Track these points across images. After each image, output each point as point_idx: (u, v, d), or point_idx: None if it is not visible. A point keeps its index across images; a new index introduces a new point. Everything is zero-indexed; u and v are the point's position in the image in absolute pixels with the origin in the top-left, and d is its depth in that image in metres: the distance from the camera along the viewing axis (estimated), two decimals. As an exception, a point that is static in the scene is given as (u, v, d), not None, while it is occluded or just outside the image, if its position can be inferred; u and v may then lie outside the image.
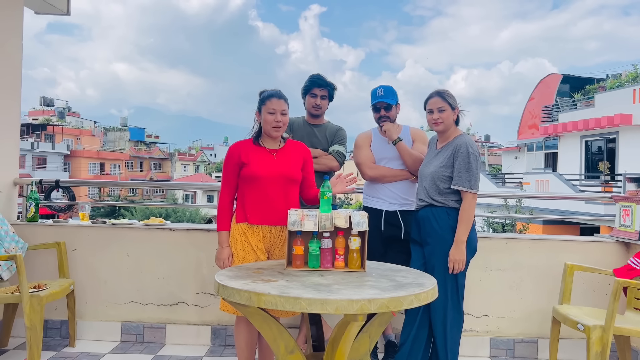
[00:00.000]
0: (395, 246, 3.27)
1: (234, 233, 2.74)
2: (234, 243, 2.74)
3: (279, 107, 2.70)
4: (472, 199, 2.82)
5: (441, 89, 3.01)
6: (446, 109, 2.93)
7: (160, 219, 3.81)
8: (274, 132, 2.72)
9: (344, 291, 1.99)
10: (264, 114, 2.72)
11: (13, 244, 3.43)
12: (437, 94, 2.97)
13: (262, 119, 2.73)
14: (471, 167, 2.81)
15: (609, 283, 3.40)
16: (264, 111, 2.72)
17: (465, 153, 2.82)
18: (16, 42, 3.97)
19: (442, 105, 2.93)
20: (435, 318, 2.89)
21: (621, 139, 18.74)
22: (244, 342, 2.68)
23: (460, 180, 2.82)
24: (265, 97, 2.74)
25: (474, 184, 2.80)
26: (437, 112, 2.94)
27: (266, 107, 2.71)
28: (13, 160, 3.98)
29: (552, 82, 25.82)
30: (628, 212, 3.48)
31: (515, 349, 3.52)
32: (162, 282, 3.64)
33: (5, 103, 3.86)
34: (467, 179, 2.80)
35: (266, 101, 2.72)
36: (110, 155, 50.27)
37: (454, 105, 2.96)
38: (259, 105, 2.76)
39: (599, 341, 2.69)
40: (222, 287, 2.05)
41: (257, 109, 2.78)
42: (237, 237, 2.73)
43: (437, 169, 2.92)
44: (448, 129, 2.99)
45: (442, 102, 2.93)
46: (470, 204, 2.82)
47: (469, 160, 2.81)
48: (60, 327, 3.65)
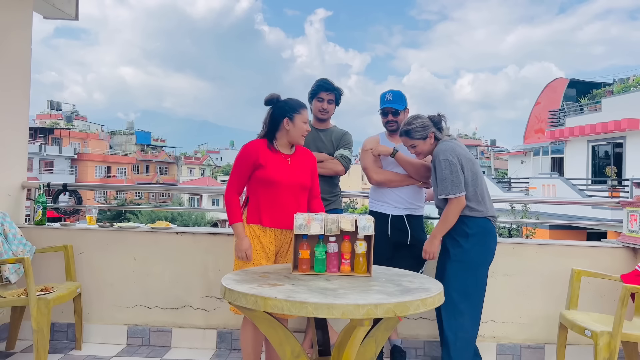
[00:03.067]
0: (402, 251, 3.27)
1: (247, 233, 2.75)
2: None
3: (308, 117, 2.85)
4: (456, 203, 2.88)
5: (406, 123, 3.04)
6: (417, 145, 3.02)
7: (167, 223, 3.83)
8: (302, 140, 2.82)
9: (350, 296, 1.99)
10: (297, 122, 2.77)
11: (21, 247, 3.45)
12: (403, 134, 3.04)
13: (293, 126, 2.77)
14: (444, 173, 2.88)
15: (617, 289, 3.38)
16: (299, 120, 2.78)
17: (437, 162, 2.92)
18: (25, 47, 4.01)
19: (411, 143, 3.03)
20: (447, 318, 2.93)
21: (628, 143, 18.64)
22: (251, 344, 2.69)
23: (440, 188, 2.92)
24: (298, 106, 2.81)
25: (452, 187, 2.86)
26: (411, 149, 3.07)
27: (302, 116, 2.79)
28: (21, 164, 4.01)
29: (558, 86, 25.74)
30: (636, 217, 3.46)
31: (522, 355, 3.51)
32: (168, 285, 3.65)
33: (15, 107, 3.89)
34: (444, 186, 2.88)
35: (301, 110, 2.80)
36: (117, 159, 50.50)
37: (424, 135, 3.00)
38: (290, 113, 2.78)
39: (607, 347, 2.67)
40: (229, 291, 2.05)
41: (286, 116, 2.77)
42: (250, 239, 2.73)
43: (434, 182, 3.03)
44: (429, 153, 3.07)
45: (409, 141, 3.03)
46: (452, 207, 2.89)
47: (441, 168, 2.89)
48: (67, 330, 3.67)
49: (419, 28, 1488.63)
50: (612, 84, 25.30)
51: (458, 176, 2.86)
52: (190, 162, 61.71)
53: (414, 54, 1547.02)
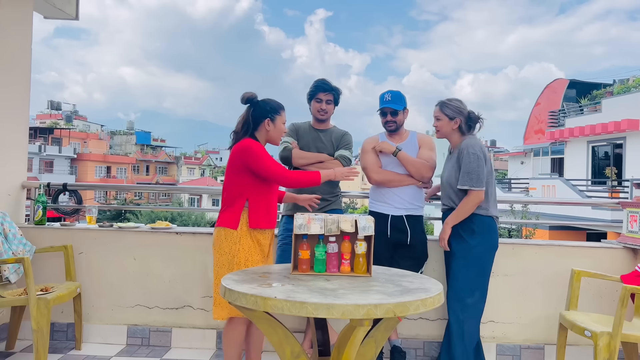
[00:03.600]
0: (401, 251, 3.28)
1: (246, 238, 2.73)
2: (248, 248, 2.73)
3: (286, 119, 2.88)
4: (475, 195, 3.00)
5: (447, 99, 3.19)
6: (442, 119, 3.15)
7: (167, 223, 3.83)
8: (279, 141, 2.90)
9: (350, 296, 1.99)
10: (278, 123, 2.82)
11: (21, 246, 3.45)
12: (438, 104, 3.19)
13: (274, 127, 2.81)
14: (471, 166, 2.98)
15: (617, 289, 3.38)
16: (279, 121, 2.82)
17: (466, 154, 3.01)
18: (26, 47, 4.00)
19: (438, 114, 3.16)
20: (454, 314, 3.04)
21: (628, 144, 18.64)
22: (235, 345, 2.72)
23: (463, 179, 3.02)
24: (279, 107, 2.83)
25: (476, 181, 2.97)
26: (435, 120, 3.19)
27: (282, 118, 2.83)
28: (21, 164, 4.01)
29: (558, 87, 25.75)
30: (635, 218, 3.46)
31: (521, 355, 3.50)
32: (168, 285, 3.65)
33: (15, 107, 3.89)
34: (469, 177, 2.99)
35: (281, 112, 2.83)
36: (117, 159, 50.50)
37: (453, 116, 3.12)
38: (271, 114, 2.80)
39: (607, 348, 2.67)
40: (229, 291, 2.05)
41: (267, 117, 2.79)
42: (250, 242, 2.74)
43: (450, 173, 3.13)
44: (446, 136, 3.20)
45: (439, 112, 3.16)
46: (472, 198, 3.01)
47: (470, 160, 2.99)
48: (67, 330, 3.66)
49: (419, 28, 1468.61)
50: (612, 84, 25.31)
51: (483, 171, 2.98)
52: (190, 162, 61.70)
53: (414, 54, 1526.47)
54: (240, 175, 2.72)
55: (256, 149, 2.69)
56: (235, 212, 2.71)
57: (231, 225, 2.70)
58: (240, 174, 2.72)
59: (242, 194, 2.72)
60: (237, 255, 2.69)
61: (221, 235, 2.73)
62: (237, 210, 2.71)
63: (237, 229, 2.70)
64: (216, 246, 2.75)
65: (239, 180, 2.73)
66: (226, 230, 2.71)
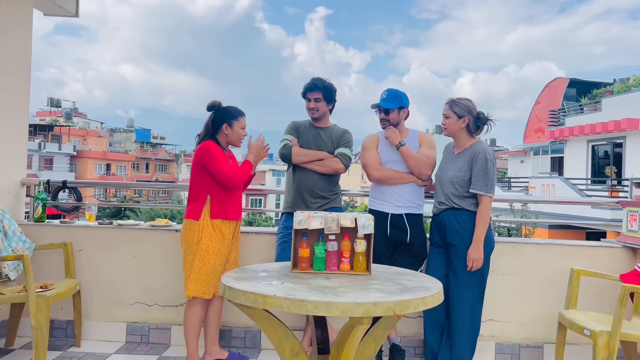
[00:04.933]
0: (401, 249, 3.28)
1: (208, 227, 3.03)
2: (209, 237, 3.02)
3: (245, 124, 3.19)
4: (488, 201, 3.03)
5: (457, 98, 3.18)
6: (450, 117, 3.14)
7: (166, 220, 3.82)
8: (239, 143, 3.20)
9: (349, 294, 1.99)
10: (235, 127, 3.14)
11: (20, 243, 3.45)
12: (448, 102, 3.18)
13: (232, 131, 3.13)
14: (488, 172, 3.01)
15: (616, 289, 3.38)
16: (237, 126, 3.14)
17: (484, 159, 3.02)
18: (26, 44, 4.00)
19: (447, 112, 3.16)
20: (462, 315, 3.07)
21: (628, 143, 18.64)
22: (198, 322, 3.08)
23: (478, 184, 3.02)
24: (237, 114, 3.15)
25: (490, 188, 3.01)
26: (444, 118, 3.18)
27: (239, 123, 3.15)
28: (21, 161, 4.00)
29: (558, 86, 25.73)
30: (635, 217, 3.46)
31: (520, 354, 3.51)
32: (168, 283, 3.65)
33: (15, 104, 3.89)
34: (484, 184, 3.01)
35: (239, 117, 3.15)
36: (117, 157, 50.49)
37: (462, 114, 3.11)
38: (228, 119, 3.12)
39: (606, 347, 2.68)
40: (228, 288, 2.05)
41: (225, 122, 3.11)
42: (212, 232, 3.03)
43: (457, 173, 3.10)
44: (453, 135, 3.19)
45: (448, 110, 3.16)
46: (487, 206, 3.03)
47: (487, 166, 3.02)
48: (66, 327, 3.67)
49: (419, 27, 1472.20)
50: (612, 83, 25.29)
51: (495, 178, 3.04)
52: (190, 160, 61.58)
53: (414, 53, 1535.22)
54: (201, 174, 3.06)
55: (212, 150, 3.03)
56: (199, 205, 3.05)
57: (194, 217, 3.04)
58: (201, 172, 3.06)
59: (204, 190, 3.06)
60: (200, 242, 3.01)
61: (186, 225, 3.07)
62: (200, 205, 3.05)
63: (199, 220, 3.02)
64: (183, 236, 3.10)
65: (200, 178, 3.07)
66: (190, 222, 3.05)
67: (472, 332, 3.11)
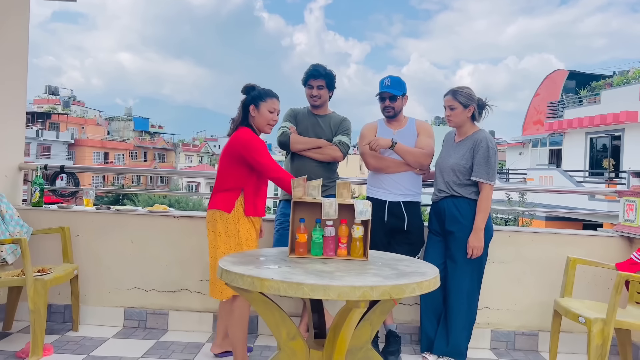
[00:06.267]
0: (398, 237, 3.29)
1: (244, 219, 2.81)
2: (247, 229, 2.82)
3: (278, 107, 2.89)
4: (489, 189, 3.05)
5: (457, 87, 3.16)
6: (456, 108, 3.11)
7: (164, 206, 3.82)
8: (267, 129, 2.87)
9: (346, 278, 2.00)
10: (262, 109, 2.83)
11: (18, 228, 3.45)
12: (450, 93, 3.15)
13: (258, 113, 2.84)
14: (490, 160, 3.02)
15: (611, 277, 3.40)
16: (264, 107, 2.83)
17: (485, 147, 3.03)
18: (23, 30, 3.96)
19: (452, 103, 3.13)
20: (459, 302, 3.11)
21: (626, 136, 18.66)
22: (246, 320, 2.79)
23: (479, 172, 3.03)
24: (265, 94, 2.85)
25: (491, 176, 3.02)
26: (449, 109, 3.15)
27: (267, 104, 2.84)
28: (18, 146, 3.99)
29: (558, 78, 25.68)
30: (632, 207, 3.47)
31: (515, 342, 3.53)
32: (166, 268, 3.66)
33: (12, 89, 3.87)
34: (486, 172, 3.02)
35: (267, 99, 2.85)
36: (115, 145, 50.38)
37: (467, 103, 3.11)
38: (256, 100, 2.84)
39: (600, 334, 2.70)
40: (226, 272, 2.06)
41: (252, 103, 2.84)
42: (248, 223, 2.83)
43: (458, 161, 3.11)
44: (459, 125, 3.17)
45: (452, 101, 3.12)
46: (488, 194, 3.05)
47: (489, 154, 3.03)
48: (64, 312, 3.68)
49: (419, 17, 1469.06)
50: (611, 76, 25.25)
51: (496, 166, 3.04)
52: (188, 150, 61.55)
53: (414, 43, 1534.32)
54: (237, 166, 2.78)
55: (255, 144, 2.75)
56: (230, 197, 2.79)
57: (226, 209, 2.78)
58: (237, 164, 2.78)
59: (238, 183, 2.80)
60: (237, 236, 2.77)
61: (216, 216, 2.80)
62: (232, 197, 2.79)
63: (232, 213, 2.78)
64: (211, 227, 2.82)
65: (234, 170, 2.79)
66: (221, 213, 2.79)
67: (468, 320, 3.15)
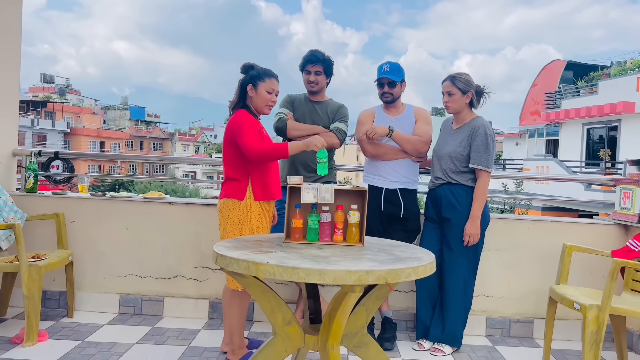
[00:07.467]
0: (395, 224, 3.29)
1: (256, 206, 2.74)
2: (259, 216, 2.75)
3: (277, 88, 2.79)
4: (487, 177, 3.04)
5: (456, 73, 3.15)
6: (455, 93, 3.10)
7: (160, 193, 3.80)
8: (266, 110, 2.79)
9: (342, 262, 1.98)
10: (260, 90, 2.74)
11: (12, 214, 3.42)
12: (449, 78, 3.13)
13: (256, 93, 2.75)
14: (488, 147, 3.02)
15: (607, 265, 3.41)
16: (262, 88, 2.73)
17: (483, 134, 3.02)
18: (15, 14, 3.91)
19: (451, 89, 3.11)
20: (455, 289, 3.13)
21: (623, 126, 18.68)
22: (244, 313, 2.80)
23: (477, 159, 3.03)
24: (264, 74, 2.75)
25: (489, 163, 3.02)
26: (447, 95, 3.13)
27: (265, 84, 2.74)
28: (12, 131, 3.95)
29: (555, 68, 25.64)
30: (628, 194, 3.47)
31: (511, 329, 3.54)
32: (161, 255, 3.64)
33: (4, 74, 3.82)
34: (485, 159, 3.02)
35: (266, 79, 2.74)
36: (111, 134, 50.18)
37: (466, 89, 3.09)
38: (254, 80, 2.74)
39: (595, 320, 2.70)
40: (221, 256, 2.05)
41: (250, 83, 2.74)
42: (260, 210, 2.76)
43: (455, 148, 3.10)
44: (458, 111, 3.16)
45: (451, 87, 3.11)
46: (485, 181, 3.04)
47: (487, 141, 3.02)
48: (59, 298, 3.67)
49: (417, 7, 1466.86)
50: (609, 66, 25.22)
51: (494, 153, 3.03)
52: (184, 139, 61.37)
53: (412, 33, 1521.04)
54: (236, 151, 2.71)
55: (241, 125, 2.66)
56: (240, 185, 2.72)
57: (237, 197, 2.70)
58: (235, 149, 2.71)
59: (243, 168, 2.72)
60: (249, 223, 2.71)
61: (228, 205, 2.72)
62: (242, 184, 2.72)
63: (243, 201, 2.71)
64: (223, 217, 2.74)
65: (235, 155, 2.72)
66: (233, 201, 2.71)
67: (464, 307, 3.16)
